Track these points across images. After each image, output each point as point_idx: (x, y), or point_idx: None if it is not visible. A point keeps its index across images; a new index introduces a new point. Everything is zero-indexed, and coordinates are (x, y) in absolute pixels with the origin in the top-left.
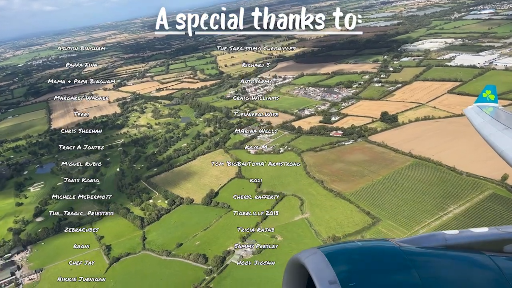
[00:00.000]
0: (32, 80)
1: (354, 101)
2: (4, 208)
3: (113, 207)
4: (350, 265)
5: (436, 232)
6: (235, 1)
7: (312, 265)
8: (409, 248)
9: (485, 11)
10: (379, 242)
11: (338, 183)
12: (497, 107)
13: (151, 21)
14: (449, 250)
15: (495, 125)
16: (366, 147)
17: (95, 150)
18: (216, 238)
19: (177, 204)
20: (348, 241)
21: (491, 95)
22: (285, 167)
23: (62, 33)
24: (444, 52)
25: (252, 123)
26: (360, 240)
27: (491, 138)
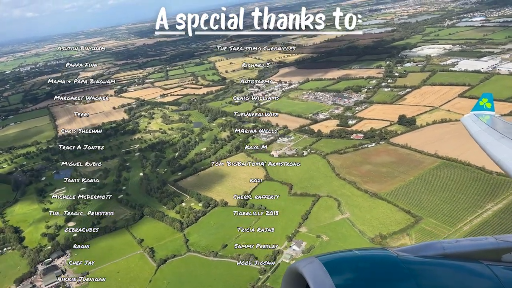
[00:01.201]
0: (25, 87)
1: (367, 105)
2: (31, 214)
3: (147, 211)
4: (348, 274)
5: (434, 241)
6: (233, 4)
7: (310, 274)
8: (407, 257)
9: (477, 19)
10: (377, 251)
11: (371, 184)
12: (494, 115)
13: (136, 28)
14: (447, 259)
15: (491, 133)
16: (390, 149)
17: (113, 155)
18: (260, 238)
19: (212, 207)
20: (346, 250)
21: (488, 104)
22: (313, 169)
23: (44, 39)
24: (445, 58)
25: (268, 127)
26: (358, 249)
27: (488, 147)
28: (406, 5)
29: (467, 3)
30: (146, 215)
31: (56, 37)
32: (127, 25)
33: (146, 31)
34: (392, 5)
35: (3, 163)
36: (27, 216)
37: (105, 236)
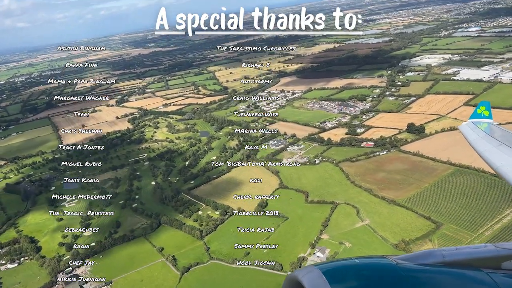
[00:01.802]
0: (23, 97)
1: (374, 113)
2: (45, 224)
3: (165, 219)
4: (348, 282)
5: (433, 249)
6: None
7: (309, 283)
8: (407, 265)
9: (472, 29)
10: (377, 259)
11: (387, 191)
12: (492, 123)
13: (129, 38)
14: (447, 267)
15: (490, 141)
16: (402, 157)
17: (122, 164)
18: (282, 245)
19: (229, 215)
20: (345, 258)
21: (486, 111)
22: (327, 177)
23: (37, 50)
24: (445, 67)
25: (276, 135)
26: (357, 257)
27: (486, 154)
28: (399, 16)
29: (460, 14)
30: (164, 224)
31: (49, 47)
32: (120, 35)
33: (140, 41)
34: (385, 15)
35: (9, 173)
36: (40, 226)
37: (123, 245)
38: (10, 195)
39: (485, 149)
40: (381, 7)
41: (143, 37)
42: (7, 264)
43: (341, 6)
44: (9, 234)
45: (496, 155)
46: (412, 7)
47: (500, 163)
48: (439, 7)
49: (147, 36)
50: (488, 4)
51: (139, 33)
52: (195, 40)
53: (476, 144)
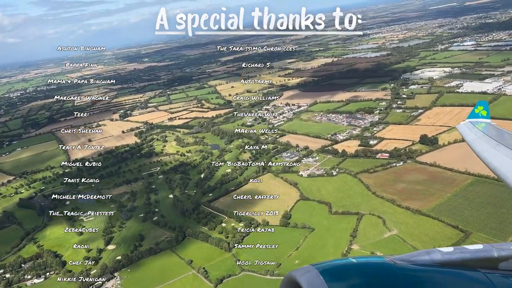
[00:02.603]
0: (21, 112)
1: (383, 126)
2: (65, 238)
3: (190, 232)
4: (345, 282)
5: (431, 249)
6: (205, 32)
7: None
8: (404, 265)
9: (468, 43)
10: (374, 258)
11: (410, 201)
12: (490, 123)
13: (122, 53)
14: (444, 267)
15: (487, 141)
16: (419, 168)
17: (136, 178)
18: (313, 256)
19: (254, 226)
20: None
21: (483, 111)
22: (346, 188)
23: (28, 65)
24: (447, 80)
25: (289, 148)
26: (355, 257)
27: (484, 154)
28: (393, 30)
29: (453, 29)
30: (188, 236)
31: (41, 62)
32: (113, 50)
33: (133, 56)
34: (378, 30)
35: (20, 188)
36: (61, 240)
37: (150, 258)
38: (24, 210)
39: (483, 149)
40: (373, 22)
41: (136, 52)
42: (33, 279)
43: (332, 22)
44: (30, 249)
45: (493, 155)
46: (403, 22)
47: (498, 163)
48: (431, 22)
49: (140, 51)
50: (479, 19)
51: (132, 48)
52: (190, 55)
53: (474, 144)
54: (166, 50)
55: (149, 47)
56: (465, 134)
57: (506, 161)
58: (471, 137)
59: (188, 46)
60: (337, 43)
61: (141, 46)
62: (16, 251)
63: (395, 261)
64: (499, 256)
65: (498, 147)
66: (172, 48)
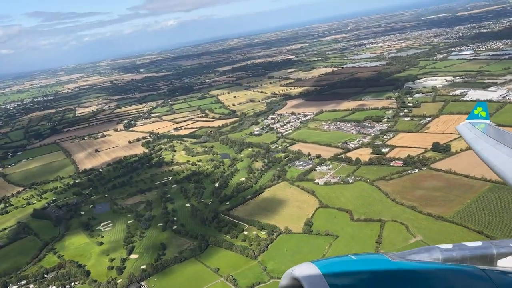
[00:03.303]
0: (22, 123)
1: (393, 134)
2: (85, 248)
3: (212, 240)
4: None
5: (431, 246)
6: (214, 40)
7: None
8: (402, 261)
9: (466, 52)
10: (373, 255)
11: (430, 207)
12: (489, 123)
13: (117, 64)
14: (443, 264)
15: (487, 140)
16: (434, 175)
17: (149, 188)
18: None
19: (277, 234)
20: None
21: (483, 112)
22: (365, 195)
23: (22, 76)
24: (451, 89)
25: (300, 156)
26: (354, 254)
27: (484, 153)
28: (388, 40)
29: (449, 38)
30: (211, 245)
31: (35, 73)
32: (107, 61)
33: (129, 66)
34: (374, 40)
35: (31, 198)
36: (81, 250)
37: (176, 267)
38: (39, 220)
39: (482, 148)
40: (367, 32)
41: (131, 62)
42: None
43: (327, 32)
44: (51, 259)
45: (493, 154)
46: (398, 32)
47: (497, 162)
48: (426, 32)
49: (135, 62)
50: (474, 29)
51: (126, 58)
52: (187, 65)
53: (473, 143)
54: (161, 60)
55: (144, 58)
56: (465, 134)
57: (506, 159)
58: (471, 137)
59: (184, 57)
60: (335, 52)
61: (135, 56)
62: (36, 261)
63: (393, 257)
64: (498, 253)
65: (498, 146)
66: (167, 58)
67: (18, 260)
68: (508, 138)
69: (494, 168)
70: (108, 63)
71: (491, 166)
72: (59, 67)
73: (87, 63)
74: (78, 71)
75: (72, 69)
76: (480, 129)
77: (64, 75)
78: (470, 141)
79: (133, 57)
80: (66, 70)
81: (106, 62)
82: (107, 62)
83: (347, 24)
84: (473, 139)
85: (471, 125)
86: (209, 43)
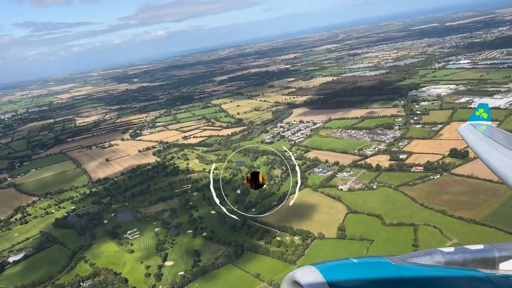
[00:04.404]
0: (21, 133)
1: (408, 141)
2: (116, 256)
3: (247, 246)
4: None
5: (432, 249)
6: (205, 51)
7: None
8: (403, 264)
9: (464, 61)
10: (374, 258)
11: (460, 211)
12: (490, 125)
13: (108, 74)
14: (445, 267)
15: (488, 142)
16: (457, 180)
17: (170, 195)
18: None
19: (311, 239)
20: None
21: (484, 114)
22: (391, 201)
23: (11, 86)
24: (456, 97)
25: (318, 163)
26: (355, 257)
27: (485, 155)
28: (382, 50)
29: (444, 48)
30: (246, 251)
31: (24, 84)
32: (98, 71)
33: (121, 76)
34: (367, 49)
35: (48, 208)
36: (113, 258)
37: (214, 272)
38: (61, 230)
39: (484, 150)
40: (359, 42)
41: (122, 72)
42: None
43: (318, 42)
44: (82, 267)
45: (494, 156)
46: (390, 42)
47: (499, 164)
48: (418, 41)
49: (127, 72)
50: (466, 39)
51: (117, 68)
52: (181, 75)
53: (475, 145)
54: (153, 70)
55: (135, 68)
56: (466, 136)
57: (508, 162)
58: (472, 139)
59: (176, 67)
60: (330, 62)
61: (125, 66)
62: (68, 270)
63: (394, 260)
64: (500, 256)
65: (500, 148)
66: (159, 68)
67: (49, 269)
68: (510, 140)
69: (496, 171)
70: (99, 73)
71: (493, 169)
72: (49, 77)
73: (77, 73)
74: (68, 81)
75: (63, 79)
76: (482, 131)
77: (55, 86)
78: (471, 144)
79: (123, 67)
80: (57, 80)
81: (96, 72)
82: (97, 72)
83: (337, 34)
84: (474, 141)
85: (473, 126)
86: (200, 53)
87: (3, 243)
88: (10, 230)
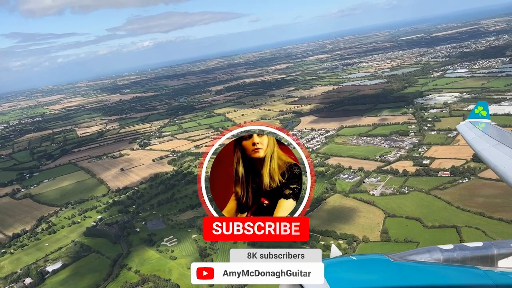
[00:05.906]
0: (20, 145)
1: (427, 147)
2: (160, 263)
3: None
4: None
5: (431, 246)
6: (193, 61)
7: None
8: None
9: (461, 70)
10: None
11: (499, 213)
12: (489, 123)
13: (96, 84)
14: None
15: (487, 140)
16: (487, 183)
17: (198, 203)
18: None
19: (356, 243)
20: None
21: (483, 111)
22: (426, 204)
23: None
24: (463, 104)
25: (342, 170)
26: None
27: (484, 153)
28: (374, 60)
29: (436, 57)
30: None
31: (9, 95)
32: (85, 81)
33: (110, 87)
34: (358, 59)
35: (73, 217)
36: (157, 265)
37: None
38: (94, 239)
39: (483, 148)
40: (349, 52)
41: (111, 83)
42: None
43: (307, 52)
44: (127, 275)
45: (493, 154)
46: (381, 52)
47: (497, 162)
48: (409, 52)
49: (116, 82)
50: (456, 49)
51: (104, 79)
52: (174, 86)
53: (474, 143)
54: (143, 81)
55: (123, 78)
56: (465, 134)
57: (507, 160)
58: (472, 137)
59: (166, 77)
60: (326, 72)
61: (113, 77)
62: (113, 277)
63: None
64: (499, 253)
65: (499, 146)
66: (149, 79)
67: (92, 277)
68: (509, 138)
69: (495, 169)
70: (87, 83)
71: (492, 167)
72: (34, 88)
73: (63, 84)
74: (56, 92)
75: (49, 90)
76: (481, 128)
77: (42, 97)
78: (470, 141)
79: (111, 78)
80: (43, 91)
81: (84, 83)
82: (85, 83)
83: (324, 44)
84: (473, 139)
85: (472, 124)
86: (188, 64)
87: (35, 253)
88: (39, 240)
